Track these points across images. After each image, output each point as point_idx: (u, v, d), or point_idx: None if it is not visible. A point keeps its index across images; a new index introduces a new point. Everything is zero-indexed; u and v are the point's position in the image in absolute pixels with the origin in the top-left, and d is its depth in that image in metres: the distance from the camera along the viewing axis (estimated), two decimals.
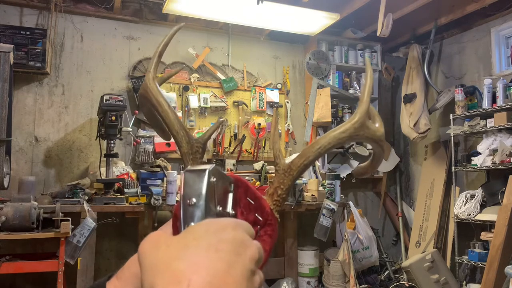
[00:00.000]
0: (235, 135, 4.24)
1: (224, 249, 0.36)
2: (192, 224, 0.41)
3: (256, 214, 0.49)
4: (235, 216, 0.47)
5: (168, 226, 0.50)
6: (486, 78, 3.77)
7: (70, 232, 2.64)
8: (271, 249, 0.49)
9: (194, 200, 0.42)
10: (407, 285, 3.96)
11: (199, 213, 0.42)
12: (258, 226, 0.49)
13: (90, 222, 2.75)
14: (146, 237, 0.40)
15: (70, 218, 2.67)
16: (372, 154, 0.67)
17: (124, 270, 0.48)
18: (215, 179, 0.44)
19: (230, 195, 0.48)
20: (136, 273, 0.46)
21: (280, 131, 4.46)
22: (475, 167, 3.74)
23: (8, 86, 2.71)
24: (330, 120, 4.25)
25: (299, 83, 4.70)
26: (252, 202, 0.49)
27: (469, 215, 3.69)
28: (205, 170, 0.44)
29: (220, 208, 0.45)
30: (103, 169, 3.31)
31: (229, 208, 0.47)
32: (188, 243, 0.36)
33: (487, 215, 3.56)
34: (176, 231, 0.49)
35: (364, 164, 0.70)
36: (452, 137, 3.98)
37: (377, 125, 0.59)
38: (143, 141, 3.81)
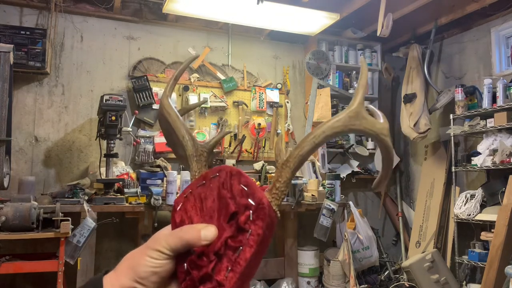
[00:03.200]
0: (235, 135, 4.24)
1: None
2: None
3: (249, 199, 0.49)
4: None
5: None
6: (486, 78, 3.77)
7: (70, 232, 2.64)
8: (266, 235, 0.48)
9: None
10: (407, 285, 3.96)
11: None
12: (251, 211, 0.49)
13: (90, 222, 2.75)
14: None
15: (70, 218, 2.66)
16: (381, 156, 0.62)
17: (121, 263, 0.51)
18: None
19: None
20: (131, 265, 0.49)
21: (280, 131, 4.46)
22: (475, 167, 3.74)
23: (8, 86, 2.71)
24: None
25: (299, 83, 4.70)
26: (245, 189, 0.50)
27: (469, 215, 3.68)
28: None
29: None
30: (103, 169, 3.31)
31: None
32: None
33: (487, 215, 3.55)
34: (174, 225, 0.52)
35: (378, 175, 0.65)
36: (452, 137, 3.98)
37: (381, 120, 0.56)
38: (143, 141, 3.81)
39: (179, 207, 0.53)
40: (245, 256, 0.47)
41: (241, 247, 0.48)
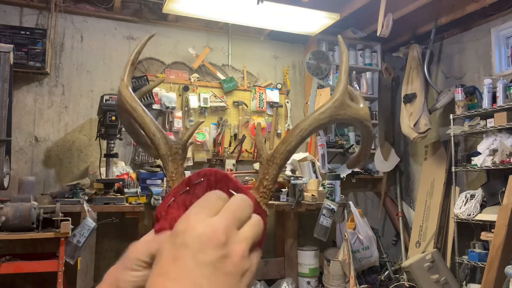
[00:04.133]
0: (235, 135, 4.24)
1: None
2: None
3: None
4: None
5: None
6: (486, 78, 3.77)
7: (70, 232, 2.64)
8: (261, 241, 0.46)
9: None
10: (407, 285, 3.95)
11: None
12: None
13: (90, 222, 2.75)
14: None
15: (70, 218, 2.66)
16: (361, 138, 0.63)
17: (102, 281, 0.46)
18: None
19: None
20: (111, 283, 0.44)
21: (280, 131, 4.46)
22: (475, 167, 3.74)
23: (8, 86, 2.71)
24: None
25: (299, 83, 4.70)
26: (234, 193, 0.47)
27: (469, 215, 3.68)
28: None
29: None
30: (103, 169, 3.31)
31: None
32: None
33: (487, 215, 3.55)
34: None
35: (355, 154, 0.67)
36: (452, 137, 3.98)
37: (361, 105, 0.56)
38: None
39: (161, 217, 0.48)
40: None
41: None
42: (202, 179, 0.49)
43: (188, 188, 0.49)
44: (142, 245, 0.44)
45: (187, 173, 0.66)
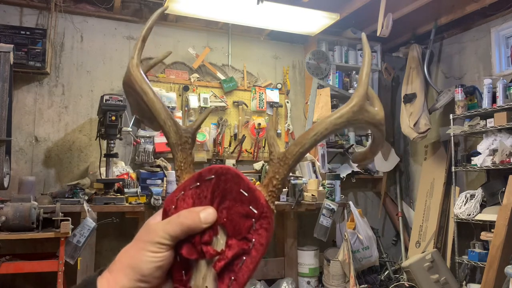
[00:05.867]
0: (235, 135, 4.24)
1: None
2: None
3: (250, 207, 0.46)
4: None
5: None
6: (486, 78, 3.77)
7: (70, 232, 2.64)
8: (268, 243, 0.47)
9: None
10: (407, 285, 3.95)
11: None
12: (253, 220, 0.46)
13: (90, 222, 2.74)
14: None
15: (70, 218, 2.66)
16: (372, 139, 0.62)
17: (115, 262, 0.48)
18: None
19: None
20: (130, 264, 0.46)
21: (280, 131, 4.46)
22: (475, 167, 3.74)
23: (8, 86, 2.71)
24: None
25: (299, 83, 4.70)
26: (246, 194, 0.47)
27: (469, 215, 3.69)
28: None
29: None
30: (103, 169, 3.31)
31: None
32: None
33: (487, 215, 3.56)
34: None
35: (363, 150, 0.65)
36: (452, 137, 3.98)
37: (376, 108, 0.55)
38: (143, 141, 3.81)
39: (169, 210, 0.49)
40: (248, 267, 0.46)
41: (244, 257, 0.46)
42: (213, 176, 0.48)
43: (198, 183, 0.49)
44: (160, 227, 0.47)
45: None
